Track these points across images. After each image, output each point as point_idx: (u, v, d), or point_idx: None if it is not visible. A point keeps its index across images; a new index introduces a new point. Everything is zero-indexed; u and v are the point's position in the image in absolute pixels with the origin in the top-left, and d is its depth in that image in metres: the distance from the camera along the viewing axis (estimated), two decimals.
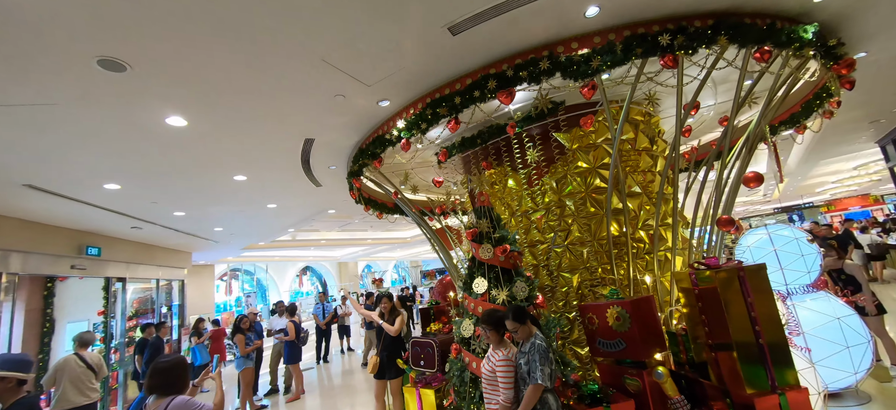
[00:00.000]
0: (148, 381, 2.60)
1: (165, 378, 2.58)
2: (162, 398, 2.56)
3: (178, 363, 2.70)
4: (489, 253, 3.92)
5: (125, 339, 7.86)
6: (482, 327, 3.04)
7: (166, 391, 2.56)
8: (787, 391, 2.75)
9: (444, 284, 7.46)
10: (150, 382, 2.59)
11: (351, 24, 2.48)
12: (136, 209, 5.90)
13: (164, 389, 2.56)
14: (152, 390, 2.59)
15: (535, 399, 2.64)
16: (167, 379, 2.58)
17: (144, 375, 2.81)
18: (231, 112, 3.37)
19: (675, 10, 2.87)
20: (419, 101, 3.60)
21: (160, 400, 2.55)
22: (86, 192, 4.90)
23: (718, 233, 4.24)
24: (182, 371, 2.70)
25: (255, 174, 5.05)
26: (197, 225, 7.51)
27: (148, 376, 2.61)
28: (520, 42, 2.96)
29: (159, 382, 2.56)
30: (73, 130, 3.29)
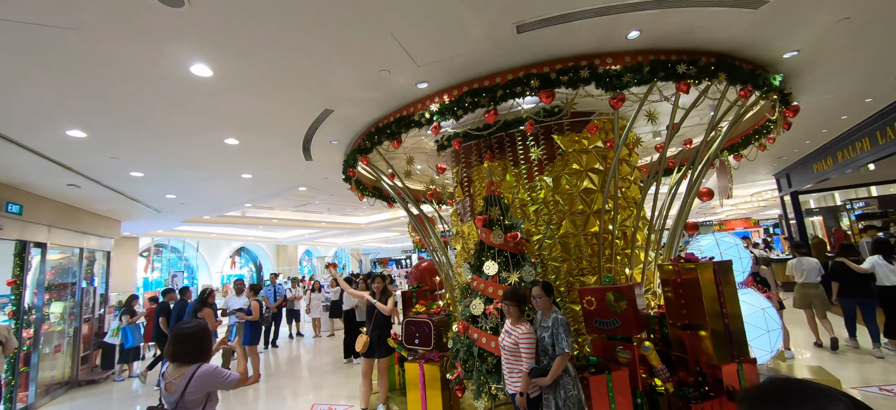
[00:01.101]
0: (171, 348, 2.50)
1: (190, 346, 2.50)
2: (185, 365, 2.47)
3: (203, 330, 2.61)
4: (500, 238, 4.23)
5: (42, 315, 6.71)
6: (505, 303, 3.33)
7: (190, 358, 2.48)
8: (743, 361, 3.48)
9: (420, 269, 7.64)
10: (174, 349, 2.49)
11: (432, 3, 2.59)
12: (86, 163, 5.13)
13: (188, 356, 2.48)
14: (176, 357, 2.49)
15: (563, 366, 3.01)
16: (191, 347, 2.51)
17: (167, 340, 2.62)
18: (263, 70, 3.20)
19: (690, 45, 3.42)
20: (455, 88, 3.76)
21: (183, 368, 2.47)
22: (37, 137, 4.18)
23: (677, 235, 5.02)
24: (206, 338, 2.63)
25: (251, 140, 4.74)
26: (148, 190, 6.70)
27: (171, 342, 2.50)
28: (566, 50, 3.30)
29: (183, 349, 2.47)
30: (63, 59, 2.87)
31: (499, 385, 3.73)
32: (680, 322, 3.74)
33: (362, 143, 4.69)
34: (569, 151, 5.02)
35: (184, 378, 2.41)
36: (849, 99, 5.16)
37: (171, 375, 2.47)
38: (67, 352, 7.46)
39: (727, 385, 3.40)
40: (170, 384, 2.42)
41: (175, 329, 2.56)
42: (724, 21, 3.10)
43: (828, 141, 7.13)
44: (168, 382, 2.44)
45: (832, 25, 3.26)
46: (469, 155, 5.56)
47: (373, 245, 28.72)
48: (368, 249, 31.74)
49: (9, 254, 7.76)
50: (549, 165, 4.99)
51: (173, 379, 2.43)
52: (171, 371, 2.49)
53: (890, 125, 5.60)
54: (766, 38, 3.40)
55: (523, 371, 3.12)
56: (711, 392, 3.47)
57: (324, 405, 5.50)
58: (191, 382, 2.40)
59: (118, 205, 7.56)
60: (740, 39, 3.39)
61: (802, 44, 3.55)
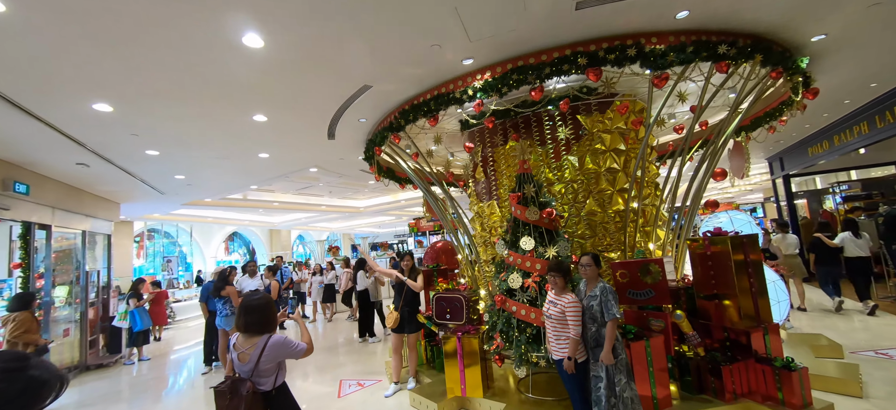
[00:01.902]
0: (243, 318, 2.55)
1: (259, 316, 2.56)
2: (256, 335, 2.54)
3: (269, 302, 2.69)
4: (535, 215, 4.34)
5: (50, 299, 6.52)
6: (551, 274, 3.45)
7: (261, 329, 2.55)
8: (769, 327, 3.74)
9: (436, 249, 7.72)
10: (246, 319, 2.55)
11: None
12: (103, 140, 4.96)
13: (258, 327, 2.55)
14: (247, 328, 2.55)
15: (615, 331, 3.17)
16: (262, 317, 2.57)
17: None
18: (314, 41, 3.15)
19: (731, 26, 3.54)
20: (499, 65, 3.80)
21: (255, 338, 2.53)
22: (59, 111, 4.03)
23: (694, 212, 5.24)
24: (273, 309, 2.72)
25: (280, 117, 4.67)
26: (159, 170, 6.52)
27: (242, 314, 2.56)
28: (615, 28, 3.37)
29: (254, 319, 2.53)
30: (114, 27, 2.77)
31: (539, 354, 3.90)
32: (709, 292, 3.96)
33: (394, 121, 4.69)
34: (592, 131, 5.13)
35: (257, 347, 2.47)
36: (856, 83, 5.43)
37: (243, 345, 2.53)
38: (75, 337, 7.29)
39: (755, 350, 3.65)
40: (243, 354, 2.49)
41: (244, 301, 2.60)
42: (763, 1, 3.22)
43: (826, 125, 7.47)
44: (241, 352, 2.51)
45: (864, 10, 3.43)
46: (494, 135, 5.62)
47: (365, 229, 28.61)
48: (360, 234, 31.59)
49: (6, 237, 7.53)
50: (576, 145, 5.09)
51: (246, 349, 2.49)
52: (242, 342, 2.56)
53: (889, 109, 5.92)
54: (801, 20, 3.54)
55: (571, 337, 3.27)
56: (738, 356, 3.72)
57: (351, 380, 5.60)
58: (264, 351, 2.47)
59: (122, 185, 7.33)
60: (776, 21, 3.53)
61: (831, 27, 3.72)
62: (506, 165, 5.60)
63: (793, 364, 3.43)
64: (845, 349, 4.96)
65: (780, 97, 5.44)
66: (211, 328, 6.83)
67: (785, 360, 3.50)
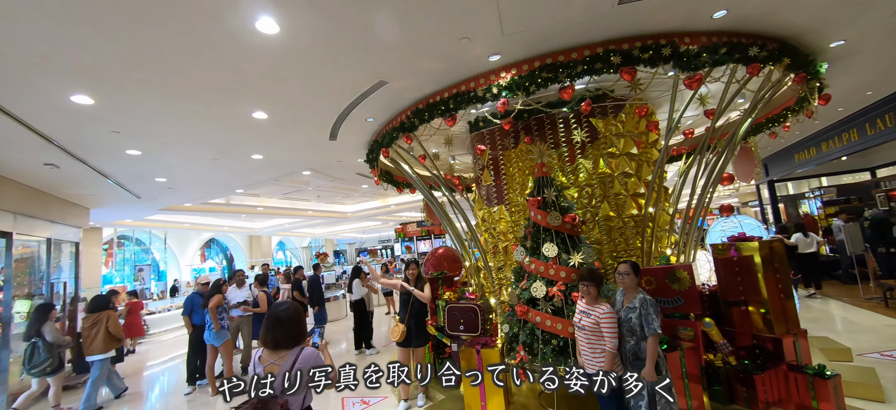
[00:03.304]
0: (273, 333, 2.32)
1: (293, 330, 2.36)
2: (285, 350, 2.32)
3: (299, 311, 2.49)
4: (557, 220, 4.17)
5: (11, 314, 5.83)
6: (584, 283, 3.27)
7: (292, 343, 2.34)
8: (798, 334, 3.68)
9: (438, 256, 7.44)
10: (277, 334, 2.32)
11: None
12: (78, 138, 4.45)
13: (292, 340, 2.34)
14: (279, 343, 2.32)
15: (658, 347, 3.01)
16: (293, 330, 2.37)
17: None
18: (332, 30, 2.85)
19: (761, 29, 3.49)
20: (525, 63, 3.61)
21: (285, 351, 2.32)
22: (30, 103, 3.54)
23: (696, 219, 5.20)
24: (303, 319, 2.51)
25: (282, 114, 4.31)
26: (138, 172, 5.97)
27: (271, 328, 2.32)
28: (651, 26, 3.24)
29: (286, 334, 2.33)
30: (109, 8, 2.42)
31: (567, 367, 3.70)
32: (736, 298, 3.89)
33: (406, 121, 4.42)
34: (606, 134, 5.03)
35: (288, 360, 2.29)
36: (854, 91, 5.58)
37: (270, 358, 2.31)
38: None
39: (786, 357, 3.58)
40: (272, 366, 2.29)
41: (271, 313, 2.38)
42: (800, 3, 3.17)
43: (815, 131, 7.72)
44: (268, 365, 2.29)
45: (886, 17, 3.45)
46: (504, 137, 5.43)
47: (350, 235, 27.92)
48: (343, 239, 30.83)
49: None
50: (590, 147, 4.97)
51: (276, 361, 2.29)
52: (268, 356, 2.32)
53: (880, 117, 6.14)
54: (828, 24, 3.54)
55: (608, 350, 3.09)
56: (768, 363, 3.65)
57: (354, 398, 5.24)
58: (295, 365, 2.28)
59: (95, 189, 6.70)
60: (805, 25, 3.50)
61: (851, 34, 3.74)
62: (516, 169, 5.43)
63: (826, 373, 3.37)
64: (851, 351, 5.03)
65: (784, 102, 5.53)
66: (196, 343, 6.29)
67: (817, 368, 3.44)
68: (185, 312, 6.37)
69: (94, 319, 5.44)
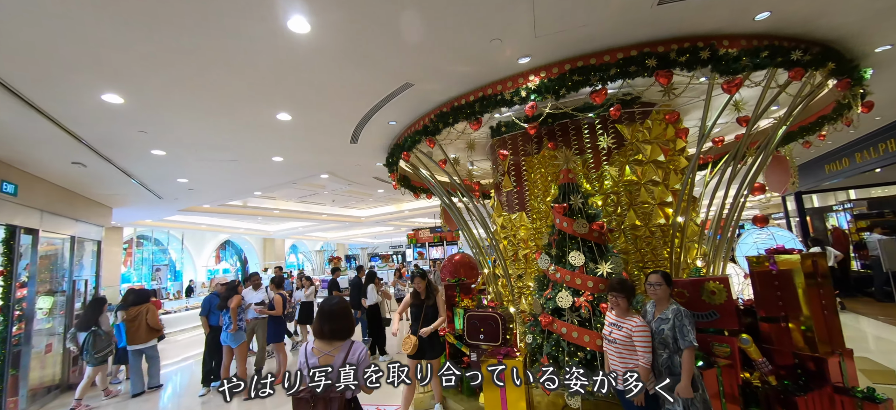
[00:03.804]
0: (327, 324, 2.44)
1: (345, 322, 2.50)
2: (338, 341, 2.43)
3: (348, 307, 2.63)
4: (584, 228, 4.04)
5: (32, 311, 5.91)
6: (614, 294, 3.14)
7: (344, 335, 2.47)
8: (843, 353, 3.47)
9: (454, 263, 7.34)
10: (332, 325, 2.44)
11: None
12: (106, 137, 4.51)
13: (344, 333, 2.47)
14: (335, 334, 2.45)
15: (693, 360, 2.85)
16: (345, 323, 2.50)
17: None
18: (361, 29, 2.81)
19: (804, 32, 3.34)
20: (556, 65, 3.52)
21: (338, 343, 2.43)
22: (63, 103, 3.59)
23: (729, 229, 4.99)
24: (352, 314, 2.71)
25: (306, 116, 4.30)
26: (161, 172, 6.04)
27: (325, 320, 2.46)
28: (688, 28, 3.13)
29: (339, 326, 2.46)
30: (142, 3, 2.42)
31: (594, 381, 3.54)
32: (775, 314, 3.69)
33: (430, 124, 4.36)
34: (632, 141, 4.89)
35: (341, 351, 2.40)
36: (893, 99, 5.33)
37: (324, 349, 2.42)
38: (58, 352, 6.65)
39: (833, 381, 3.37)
40: (326, 357, 2.39)
41: (323, 307, 2.52)
42: (850, 5, 3.02)
43: (848, 141, 7.42)
44: (323, 356, 2.40)
45: None
46: (526, 142, 5.34)
47: (360, 240, 28.02)
48: (355, 244, 30.95)
49: None
50: (616, 154, 4.84)
51: (329, 352, 2.40)
52: (321, 347, 2.44)
53: None
54: (873, 29, 3.37)
55: (641, 365, 2.94)
56: (811, 384, 3.44)
57: (369, 405, 5.13)
58: (348, 356, 2.40)
59: (119, 189, 6.81)
60: (852, 28, 3.34)
61: None
62: (538, 175, 5.32)
63: (877, 396, 3.16)
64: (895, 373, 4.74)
65: (820, 110, 5.31)
66: (212, 344, 6.29)
67: (867, 391, 3.23)
68: (203, 313, 6.41)
69: (136, 312, 5.97)
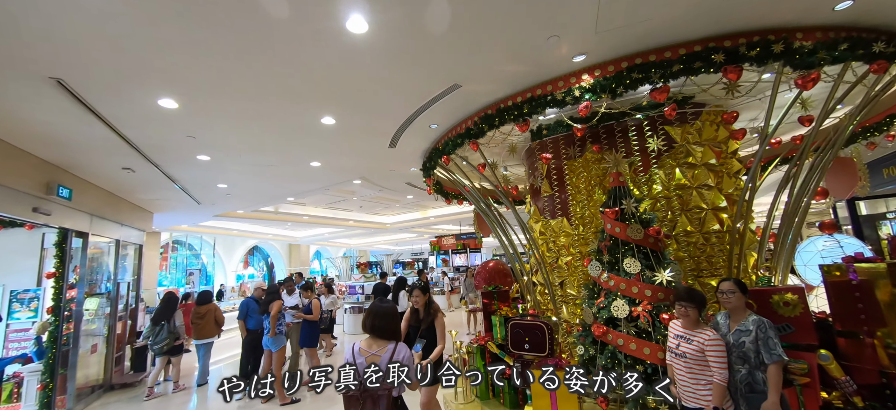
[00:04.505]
0: (377, 321, 2.59)
1: (392, 323, 2.62)
2: (383, 341, 2.56)
3: (396, 309, 2.74)
4: (639, 233, 3.84)
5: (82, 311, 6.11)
6: (683, 304, 2.94)
7: (391, 335, 2.59)
8: None
9: (488, 269, 7.19)
10: (381, 323, 2.59)
11: None
12: (157, 142, 4.63)
13: (391, 333, 2.59)
14: (381, 332, 2.58)
15: (781, 376, 2.62)
16: (393, 323, 2.63)
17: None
18: (416, 28, 2.74)
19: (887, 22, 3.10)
20: (611, 63, 3.38)
21: (384, 343, 2.55)
22: (121, 108, 3.69)
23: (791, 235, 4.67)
24: (398, 318, 2.77)
25: (350, 120, 4.29)
26: (203, 177, 6.18)
27: (376, 317, 2.61)
28: (759, 21, 2.94)
29: (385, 325, 2.60)
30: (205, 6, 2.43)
31: (656, 397, 3.33)
32: (855, 328, 3.38)
33: (474, 127, 4.28)
34: (681, 143, 4.66)
35: (387, 351, 2.51)
36: None
37: (371, 348, 2.53)
38: (102, 353, 6.85)
39: None
40: (373, 356, 2.49)
41: (374, 306, 2.67)
42: None
43: None
44: (370, 355, 2.50)
45: None
46: (568, 146, 5.18)
47: (384, 246, 28.16)
48: (376, 251, 31.15)
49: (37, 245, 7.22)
50: (666, 156, 4.62)
51: (377, 351, 2.51)
52: (368, 345, 2.55)
53: None
54: None
55: (718, 383, 2.72)
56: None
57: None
58: (393, 356, 2.48)
59: (162, 193, 7.01)
60: None
61: None
62: (580, 179, 5.14)
63: None
64: None
65: (888, 109, 4.95)
66: (249, 347, 6.34)
67: None
68: (241, 317, 6.47)
69: (205, 310, 6.73)
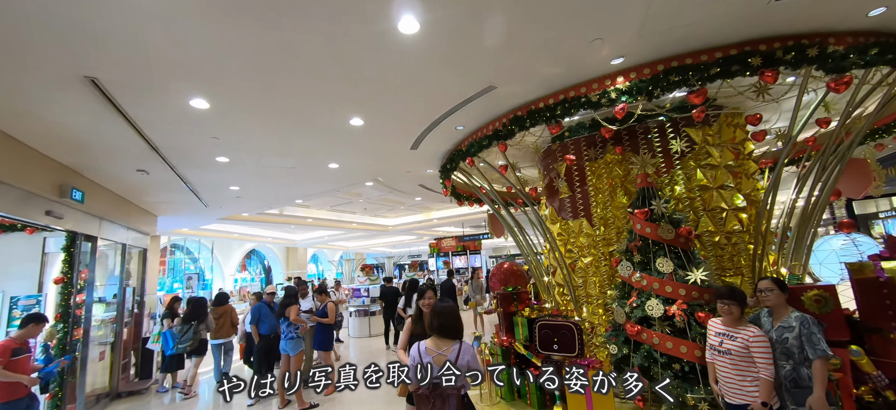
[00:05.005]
0: (441, 321, 2.60)
1: (455, 321, 2.62)
2: (449, 340, 2.57)
3: (457, 309, 2.75)
4: (670, 233, 3.90)
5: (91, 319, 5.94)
6: (725, 302, 2.98)
7: (455, 334, 2.60)
8: None
9: (504, 271, 7.20)
10: (445, 322, 2.59)
11: None
12: (179, 143, 4.54)
13: (455, 332, 2.60)
14: (447, 331, 2.58)
15: (827, 372, 2.67)
16: (457, 322, 2.62)
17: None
18: (465, 28, 2.76)
19: None
20: (647, 66, 3.43)
21: (449, 342, 2.56)
22: (152, 108, 3.61)
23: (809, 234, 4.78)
24: (460, 317, 2.74)
25: (377, 121, 4.27)
26: (215, 180, 6.07)
27: (437, 316, 2.61)
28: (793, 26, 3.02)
29: (452, 324, 2.60)
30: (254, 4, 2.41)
31: (696, 395, 3.37)
32: (884, 325, 3.48)
33: (502, 128, 4.30)
34: (701, 145, 4.75)
35: (453, 350, 2.52)
36: None
37: (438, 348, 2.54)
38: (109, 360, 6.67)
39: None
40: (440, 356, 2.49)
41: (436, 306, 2.70)
42: None
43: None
44: (437, 355, 2.50)
45: None
46: (589, 147, 5.23)
47: (380, 249, 28.01)
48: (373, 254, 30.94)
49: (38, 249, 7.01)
50: (689, 157, 4.69)
51: (443, 351, 2.52)
52: (435, 345, 2.56)
53: None
54: None
55: (765, 378, 2.76)
56: None
57: None
58: (460, 354, 2.50)
59: (171, 196, 6.87)
60: None
61: None
62: (601, 180, 5.20)
63: None
64: None
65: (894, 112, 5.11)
66: (263, 353, 6.23)
67: None
68: (253, 321, 6.34)
69: (222, 311, 6.80)
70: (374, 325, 10.86)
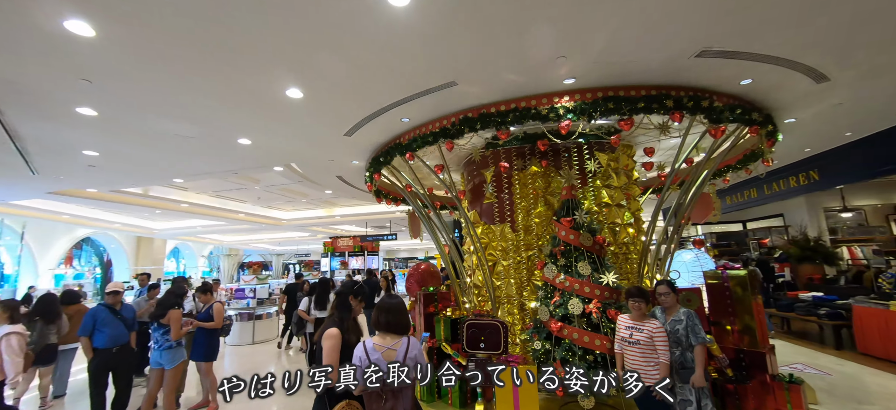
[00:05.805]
0: (386, 317, 2.56)
1: (403, 317, 2.61)
2: (397, 335, 2.55)
3: (404, 303, 2.74)
4: (589, 240, 4.43)
5: None
6: (634, 300, 3.54)
7: (402, 330, 2.59)
8: (769, 348, 4.46)
9: (421, 272, 7.15)
10: (389, 318, 2.56)
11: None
12: (23, 77, 3.28)
13: (402, 328, 2.59)
14: (392, 327, 2.55)
15: (706, 354, 3.36)
16: (404, 318, 2.62)
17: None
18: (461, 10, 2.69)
19: (760, 100, 4.34)
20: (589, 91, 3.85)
21: (397, 337, 2.54)
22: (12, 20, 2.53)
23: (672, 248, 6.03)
24: (407, 312, 2.75)
25: (321, 98, 3.81)
26: (65, 140, 4.55)
27: (383, 312, 2.57)
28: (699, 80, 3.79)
29: (397, 320, 2.57)
30: None
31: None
32: (723, 319, 4.57)
33: (452, 127, 4.29)
34: (606, 167, 5.58)
35: (402, 345, 2.50)
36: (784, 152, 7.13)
37: (386, 344, 2.49)
38: None
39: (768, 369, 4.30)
40: (390, 351, 2.47)
41: (382, 302, 2.64)
42: None
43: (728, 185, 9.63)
44: (386, 350, 2.47)
45: (831, 108, 4.62)
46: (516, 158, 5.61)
47: (262, 245, 24.96)
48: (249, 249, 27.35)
49: None
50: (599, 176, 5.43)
51: (392, 346, 2.49)
52: (382, 341, 2.50)
53: (783, 179, 7.97)
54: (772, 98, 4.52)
55: (663, 362, 3.35)
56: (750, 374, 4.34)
57: None
58: (408, 349, 2.50)
59: None
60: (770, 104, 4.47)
61: (799, 114, 4.89)
62: (526, 189, 5.63)
63: (796, 379, 4.15)
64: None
65: (742, 151, 6.79)
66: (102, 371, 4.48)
67: (789, 377, 4.22)
68: (85, 332, 4.43)
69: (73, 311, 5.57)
70: (260, 330, 9.58)
